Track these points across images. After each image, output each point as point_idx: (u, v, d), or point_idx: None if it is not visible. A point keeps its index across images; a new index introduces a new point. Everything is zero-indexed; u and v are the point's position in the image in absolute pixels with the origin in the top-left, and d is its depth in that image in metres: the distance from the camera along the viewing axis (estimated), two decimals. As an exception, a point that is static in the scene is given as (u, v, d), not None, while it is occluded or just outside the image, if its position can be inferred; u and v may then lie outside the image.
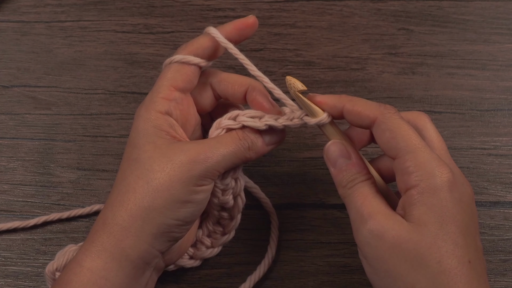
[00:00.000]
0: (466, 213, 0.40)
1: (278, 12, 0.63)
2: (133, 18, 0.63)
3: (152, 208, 0.42)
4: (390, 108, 0.42)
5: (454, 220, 0.39)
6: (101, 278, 0.42)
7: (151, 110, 0.44)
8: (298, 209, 0.55)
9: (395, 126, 0.41)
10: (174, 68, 0.46)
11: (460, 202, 0.39)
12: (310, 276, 0.53)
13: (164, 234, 0.43)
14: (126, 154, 0.45)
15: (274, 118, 0.46)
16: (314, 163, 0.57)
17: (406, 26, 0.62)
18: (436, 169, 0.39)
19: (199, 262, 0.52)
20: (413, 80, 0.60)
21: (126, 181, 0.43)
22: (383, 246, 0.39)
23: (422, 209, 0.39)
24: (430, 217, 0.39)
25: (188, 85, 0.46)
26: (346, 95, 0.44)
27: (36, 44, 0.62)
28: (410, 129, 0.41)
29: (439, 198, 0.39)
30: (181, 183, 0.42)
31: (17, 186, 0.57)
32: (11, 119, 0.59)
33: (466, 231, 0.39)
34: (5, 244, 0.55)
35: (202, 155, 0.43)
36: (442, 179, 0.39)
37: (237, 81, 0.47)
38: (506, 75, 0.60)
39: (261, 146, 0.46)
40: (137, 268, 0.43)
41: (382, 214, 0.40)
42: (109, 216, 0.43)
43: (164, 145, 0.43)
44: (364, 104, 0.43)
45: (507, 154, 0.57)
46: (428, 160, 0.40)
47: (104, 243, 0.42)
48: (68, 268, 0.43)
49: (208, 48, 0.46)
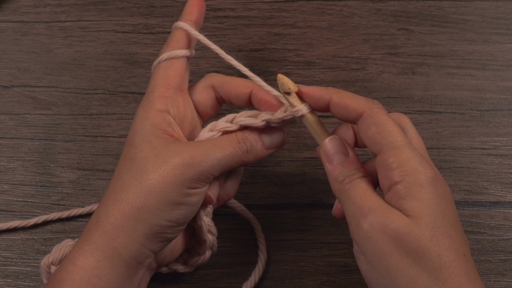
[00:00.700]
0: (452, 208, 0.40)
1: (278, 12, 0.63)
2: (133, 18, 0.63)
3: (145, 209, 0.42)
4: (377, 104, 0.42)
5: (444, 214, 0.39)
6: (94, 276, 0.42)
7: (149, 109, 0.45)
8: (298, 209, 0.55)
9: (382, 121, 0.41)
10: (164, 66, 0.46)
11: (445, 197, 0.40)
12: (310, 276, 0.53)
13: (156, 235, 0.43)
14: (124, 153, 0.45)
15: (270, 113, 0.45)
16: (314, 163, 0.57)
17: (406, 26, 0.62)
18: (420, 165, 0.40)
19: (192, 268, 0.51)
20: (413, 80, 0.60)
21: (121, 180, 0.43)
22: (384, 240, 0.38)
23: (414, 203, 0.39)
24: (424, 210, 0.39)
25: (181, 80, 0.47)
26: (333, 88, 0.44)
27: (36, 44, 0.62)
28: (396, 126, 0.41)
29: (427, 192, 0.39)
30: (174, 185, 0.42)
31: (17, 186, 0.57)
32: (11, 119, 0.59)
33: (455, 225, 0.39)
34: (5, 244, 0.55)
35: (197, 158, 0.43)
36: (426, 174, 0.39)
37: (240, 83, 0.47)
38: (506, 75, 0.60)
39: (260, 149, 0.46)
40: (129, 267, 0.43)
41: (382, 208, 0.39)
42: (102, 214, 0.43)
43: (160, 145, 0.43)
44: (352, 97, 0.43)
45: (507, 154, 0.57)
46: (412, 157, 0.40)
47: (97, 241, 0.42)
48: (61, 266, 0.43)
49: (185, 39, 0.48)
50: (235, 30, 0.62)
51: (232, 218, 0.55)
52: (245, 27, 0.62)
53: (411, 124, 0.45)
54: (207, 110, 0.48)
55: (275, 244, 0.54)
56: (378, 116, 0.41)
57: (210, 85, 0.48)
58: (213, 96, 0.48)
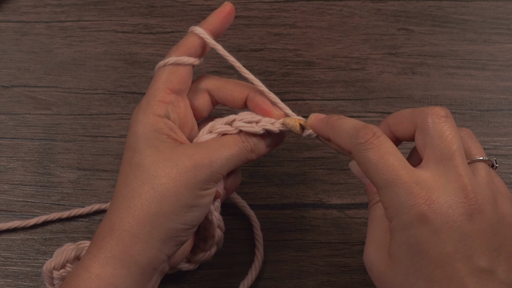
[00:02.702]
0: (446, 243, 0.36)
1: (278, 12, 0.63)
2: (133, 18, 0.63)
3: (160, 214, 0.42)
4: (361, 137, 0.39)
5: (427, 255, 0.37)
6: (110, 284, 0.42)
7: (149, 114, 0.44)
8: (298, 209, 0.55)
9: (364, 160, 0.39)
10: (169, 70, 0.46)
11: (437, 234, 0.37)
12: (310, 276, 0.53)
13: (172, 239, 0.43)
14: (126, 158, 0.44)
15: (270, 122, 0.46)
16: (314, 163, 0.57)
17: (406, 26, 0.62)
18: (404, 204, 0.37)
19: (196, 266, 0.51)
20: (413, 80, 0.60)
21: (131, 187, 0.43)
22: (372, 276, 0.41)
23: (394, 247, 0.38)
24: (401, 255, 0.38)
25: (184, 86, 0.46)
26: (332, 120, 0.43)
27: (36, 44, 0.62)
28: (381, 159, 0.39)
29: (407, 236, 0.37)
30: (187, 189, 0.42)
31: (17, 186, 0.57)
32: (11, 119, 0.59)
33: (445, 263, 0.37)
34: (5, 244, 0.55)
35: (207, 160, 0.43)
36: (409, 215, 0.37)
37: (236, 88, 0.47)
38: (506, 75, 0.60)
39: (262, 147, 0.46)
40: (145, 273, 0.43)
41: (374, 245, 0.41)
42: (116, 222, 0.42)
43: (167, 149, 0.43)
44: (340, 136, 0.42)
45: (507, 154, 0.57)
46: (397, 195, 0.37)
47: (113, 249, 0.42)
48: (75, 274, 0.42)
49: (198, 47, 0.46)
50: (235, 30, 0.62)
51: (232, 219, 0.55)
52: (245, 27, 0.63)
53: (433, 121, 0.39)
54: (203, 113, 0.49)
55: (275, 244, 0.54)
56: (359, 155, 0.40)
57: (205, 90, 0.48)
58: (209, 101, 0.48)
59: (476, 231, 0.37)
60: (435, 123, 0.39)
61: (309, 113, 0.58)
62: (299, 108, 0.59)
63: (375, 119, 0.58)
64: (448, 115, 0.39)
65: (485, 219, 0.37)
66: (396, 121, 0.42)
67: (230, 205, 0.55)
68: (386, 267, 0.39)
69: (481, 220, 0.37)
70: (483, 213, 0.37)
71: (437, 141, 0.38)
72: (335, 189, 0.56)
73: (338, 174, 0.56)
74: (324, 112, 0.59)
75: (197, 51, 0.46)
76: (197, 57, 0.47)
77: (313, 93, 0.60)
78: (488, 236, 0.37)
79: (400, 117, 0.42)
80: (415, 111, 0.41)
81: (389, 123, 0.43)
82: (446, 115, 0.39)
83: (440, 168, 0.38)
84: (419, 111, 0.40)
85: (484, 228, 0.37)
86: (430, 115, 0.39)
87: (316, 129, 0.45)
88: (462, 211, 0.37)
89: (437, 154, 0.38)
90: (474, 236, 0.37)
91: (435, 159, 0.38)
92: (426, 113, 0.39)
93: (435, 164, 0.38)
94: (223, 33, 0.47)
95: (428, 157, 0.39)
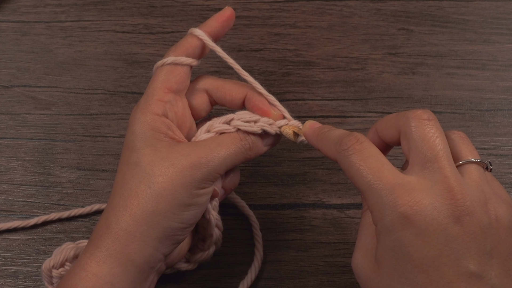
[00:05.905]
0: (430, 246, 0.36)
1: (278, 12, 0.63)
2: (133, 18, 0.63)
3: (157, 213, 0.42)
4: (344, 144, 0.40)
5: (411, 259, 0.36)
6: (107, 283, 0.42)
7: (147, 113, 0.44)
8: (298, 209, 0.55)
9: (347, 166, 0.39)
10: (167, 70, 0.46)
11: (421, 236, 0.36)
12: (310, 276, 0.53)
13: (169, 238, 0.43)
14: (124, 157, 0.44)
15: (268, 122, 0.46)
16: (314, 163, 0.57)
17: (406, 26, 0.62)
18: (387, 206, 0.37)
19: (195, 265, 0.51)
20: (413, 80, 0.60)
21: (128, 186, 0.43)
22: (360, 283, 0.40)
23: (379, 251, 0.38)
24: (386, 259, 0.37)
25: (182, 86, 0.46)
26: (322, 132, 0.44)
27: (36, 44, 0.62)
28: (363, 162, 0.38)
29: (390, 240, 0.37)
30: (184, 187, 0.42)
31: (17, 186, 0.57)
32: (11, 119, 0.59)
33: (430, 267, 0.36)
34: (5, 244, 0.55)
35: (204, 159, 0.43)
36: (392, 217, 0.36)
37: (234, 88, 0.47)
38: (506, 75, 0.60)
39: (261, 146, 0.46)
40: (142, 272, 0.43)
41: (362, 250, 0.40)
42: (112, 220, 0.43)
43: (164, 148, 0.43)
44: (326, 145, 0.42)
45: (507, 154, 0.57)
46: (380, 197, 0.37)
47: (110, 248, 0.42)
48: (72, 273, 0.43)
49: (197, 48, 0.47)
50: (235, 30, 0.62)
51: (232, 219, 0.55)
52: (245, 27, 0.63)
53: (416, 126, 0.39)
54: (201, 113, 0.49)
55: (275, 244, 0.54)
56: (343, 161, 0.40)
57: (204, 90, 0.48)
58: (207, 100, 0.48)
59: (464, 233, 0.36)
60: (417, 126, 0.38)
61: (309, 113, 0.59)
62: (299, 108, 0.59)
63: (375, 119, 0.58)
64: (431, 117, 0.39)
65: (474, 221, 0.36)
66: (382, 126, 0.42)
67: (229, 205, 0.55)
68: (373, 272, 0.39)
69: (469, 222, 0.36)
70: (472, 215, 0.36)
71: (420, 144, 0.38)
72: (335, 189, 0.56)
73: (338, 174, 0.56)
74: (324, 112, 0.59)
75: (196, 52, 0.47)
76: (196, 58, 0.47)
77: (313, 93, 0.60)
78: (478, 239, 0.36)
79: (386, 122, 0.41)
80: (399, 115, 0.40)
81: (377, 128, 0.42)
82: (429, 118, 0.39)
83: (425, 171, 0.37)
84: (402, 115, 0.40)
85: (473, 230, 0.36)
86: (412, 119, 0.39)
87: (308, 138, 0.46)
88: (448, 213, 0.36)
89: (421, 157, 0.38)
90: (462, 239, 0.35)
91: (419, 162, 0.38)
92: (408, 117, 0.39)
93: (419, 167, 0.38)
94: (222, 36, 0.48)
95: (413, 161, 0.38)
